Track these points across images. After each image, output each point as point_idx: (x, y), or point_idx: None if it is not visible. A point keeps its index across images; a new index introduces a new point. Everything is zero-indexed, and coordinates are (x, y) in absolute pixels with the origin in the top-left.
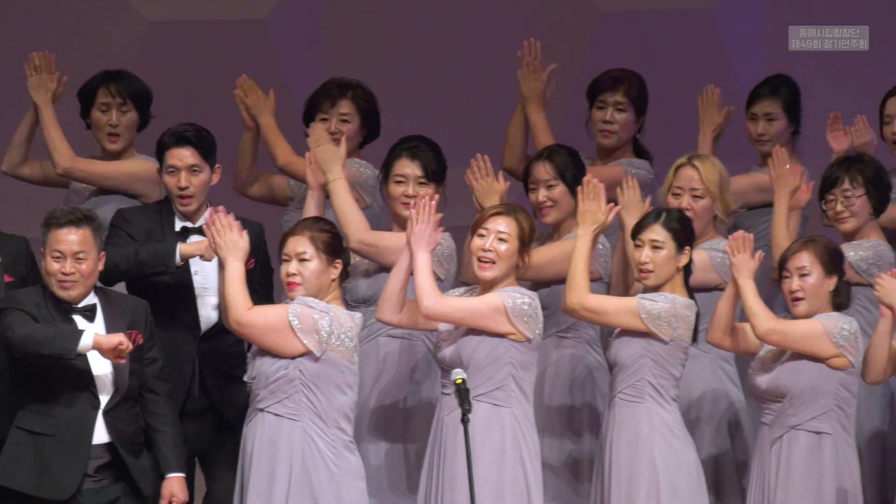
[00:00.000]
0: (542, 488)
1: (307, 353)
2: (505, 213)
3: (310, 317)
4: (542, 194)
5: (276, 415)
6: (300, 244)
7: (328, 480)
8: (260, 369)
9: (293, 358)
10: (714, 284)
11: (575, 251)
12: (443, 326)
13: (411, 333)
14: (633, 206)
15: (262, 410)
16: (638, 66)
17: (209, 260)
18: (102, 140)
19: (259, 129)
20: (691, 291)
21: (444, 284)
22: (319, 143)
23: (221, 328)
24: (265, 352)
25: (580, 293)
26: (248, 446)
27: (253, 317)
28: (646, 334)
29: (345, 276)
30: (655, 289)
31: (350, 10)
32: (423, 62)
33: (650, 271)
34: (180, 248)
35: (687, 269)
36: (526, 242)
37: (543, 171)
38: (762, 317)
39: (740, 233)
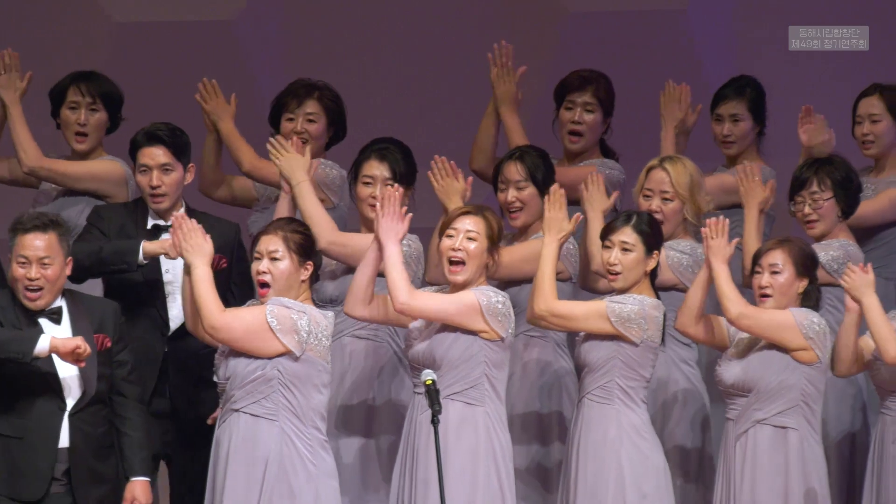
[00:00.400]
0: (515, 488)
1: (286, 353)
2: (473, 213)
3: (288, 317)
4: (511, 195)
5: (252, 415)
6: (272, 243)
7: (306, 480)
8: (235, 370)
9: (270, 358)
10: (670, 284)
11: (541, 259)
12: (413, 324)
13: (377, 334)
14: (596, 202)
15: (237, 411)
16: (607, 68)
17: (174, 258)
18: (70, 139)
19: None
20: (657, 293)
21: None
22: (281, 153)
23: None
24: (239, 352)
25: (548, 301)
26: (224, 447)
27: (228, 320)
28: (616, 336)
29: (315, 278)
30: (622, 291)
31: (318, 11)
32: (392, 64)
33: (618, 273)
34: (144, 246)
35: (653, 273)
36: (495, 241)
37: (515, 171)
38: (735, 301)
39: (718, 217)
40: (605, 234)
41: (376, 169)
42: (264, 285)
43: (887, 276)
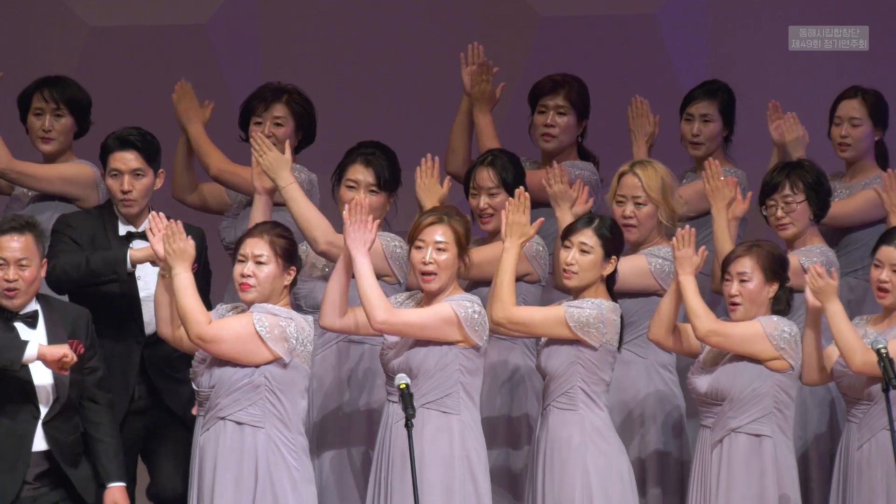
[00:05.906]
0: (491, 496)
1: (275, 361)
2: (438, 222)
3: (277, 324)
4: (483, 201)
5: (237, 423)
6: (258, 247)
7: (291, 487)
8: (221, 377)
9: (258, 366)
10: (652, 290)
11: (501, 265)
12: (388, 335)
13: (359, 339)
14: (562, 198)
15: (222, 419)
16: (580, 72)
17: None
18: (36, 143)
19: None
20: (614, 297)
21: (401, 287)
22: (263, 151)
23: None
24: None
25: (506, 308)
26: (209, 455)
27: (216, 331)
28: (575, 341)
29: (294, 283)
30: (576, 291)
31: (290, 14)
32: (365, 67)
33: (574, 273)
34: (131, 254)
35: (611, 278)
36: (464, 245)
37: (487, 177)
38: (703, 317)
39: (685, 228)
40: (566, 234)
41: (360, 174)
42: (248, 289)
43: (866, 278)
